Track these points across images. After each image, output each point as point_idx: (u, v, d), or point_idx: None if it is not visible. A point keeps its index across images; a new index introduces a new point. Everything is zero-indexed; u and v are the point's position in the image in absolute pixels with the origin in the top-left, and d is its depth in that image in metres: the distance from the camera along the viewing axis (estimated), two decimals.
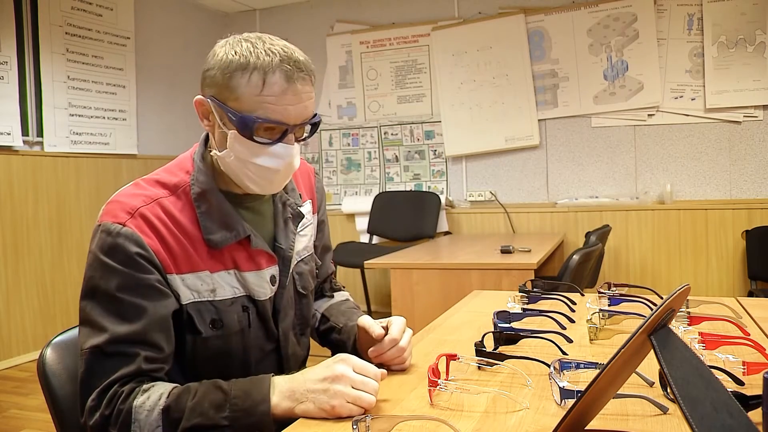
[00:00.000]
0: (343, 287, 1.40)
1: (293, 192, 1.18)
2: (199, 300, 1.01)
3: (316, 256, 1.28)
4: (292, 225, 1.15)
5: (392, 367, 1.06)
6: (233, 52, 0.96)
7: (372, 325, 1.09)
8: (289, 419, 0.88)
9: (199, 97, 1.01)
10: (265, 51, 0.95)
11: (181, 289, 0.99)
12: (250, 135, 0.97)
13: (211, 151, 1.06)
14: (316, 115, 1.02)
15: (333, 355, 1.08)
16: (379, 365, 0.97)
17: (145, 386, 0.91)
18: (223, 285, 1.03)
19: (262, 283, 1.07)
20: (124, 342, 0.92)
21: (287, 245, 1.12)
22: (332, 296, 1.34)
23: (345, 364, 0.89)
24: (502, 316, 1.23)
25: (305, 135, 1.06)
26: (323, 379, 0.88)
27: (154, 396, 0.89)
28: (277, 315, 1.11)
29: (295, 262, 1.15)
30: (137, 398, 0.89)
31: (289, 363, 1.14)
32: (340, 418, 0.85)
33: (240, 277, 1.05)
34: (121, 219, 0.98)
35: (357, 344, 1.16)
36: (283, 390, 0.89)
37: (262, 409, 0.87)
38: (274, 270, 1.10)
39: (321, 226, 1.31)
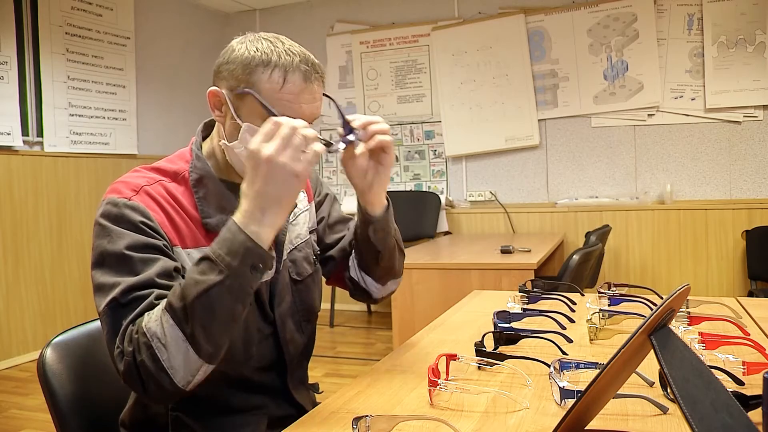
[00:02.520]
0: None
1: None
2: None
3: (332, 231, 1.28)
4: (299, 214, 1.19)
5: (386, 141, 1.08)
6: (254, 49, 0.99)
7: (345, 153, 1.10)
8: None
9: (214, 88, 1.02)
10: (285, 51, 0.98)
11: (186, 263, 1.00)
12: None
13: (217, 141, 1.08)
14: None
15: (377, 264, 1.20)
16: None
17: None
18: None
19: None
20: (138, 288, 0.91)
21: (279, 233, 1.12)
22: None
23: (262, 140, 0.89)
24: (502, 316, 1.23)
25: None
26: (255, 171, 0.88)
27: (157, 308, 0.89)
28: (273, 300, 1.12)
29: (288, 249, 1.16)
30: (144, 320, 0.89)
31: (288, 348, 1.13)
32: (336, 424, 0.85)
33: None
34: (126, 195, 1.00)
35: (363, 202, 1.15)
36: (242, 211, 0.89)
37: (240, 239, 0.87)
38: None
39: (325, 204, 1.31)
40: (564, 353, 1.10)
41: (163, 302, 0.89)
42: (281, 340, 1.13)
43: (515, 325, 1.22)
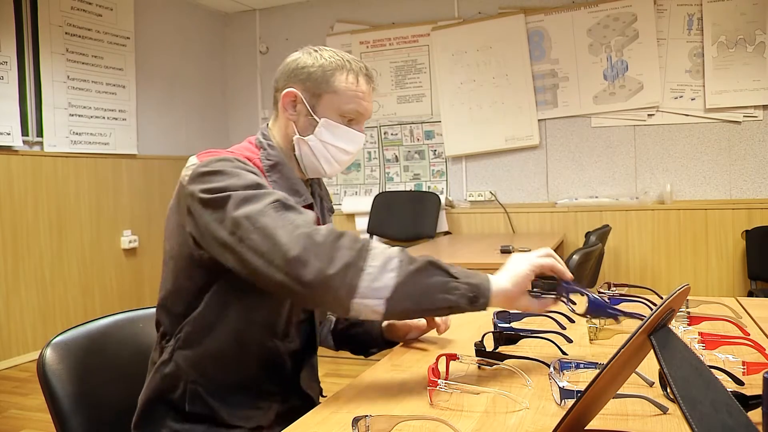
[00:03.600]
0: None
1: (326, 191, 1.32)
2: None
3: None
4: (328, 217, 1.29)
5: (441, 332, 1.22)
6: (326, 56, 1.15)
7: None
8: None
9: (292, 89, 1.15)
10: (351, 59, 1.17)
11: None
12: (346, 121, 1.16)
13: (280, 138, 1.19)
14: None
15: (354, 351, 1.32)
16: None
17: None
18: None
19: None
20: (283, 198, 1.02)
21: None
22: None
23: (548, 252, 1.06)
24: (502, 315, 1.23)
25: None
26: (530, 265, 1.03)
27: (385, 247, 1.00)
28: None
29: None
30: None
31: (316, 334, 1.22)
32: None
33: None
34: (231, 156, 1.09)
35: (388, 333, 1.28)
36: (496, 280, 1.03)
37: (482, 276, 1.02)
38: None
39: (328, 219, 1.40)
40: (564, 353, 1.10)
41: (397, 248, 1.00)
42: (315, 327, 1.21)
43: (515, 324, 1.22)
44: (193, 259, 1.06)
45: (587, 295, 1.04)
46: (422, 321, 1.21)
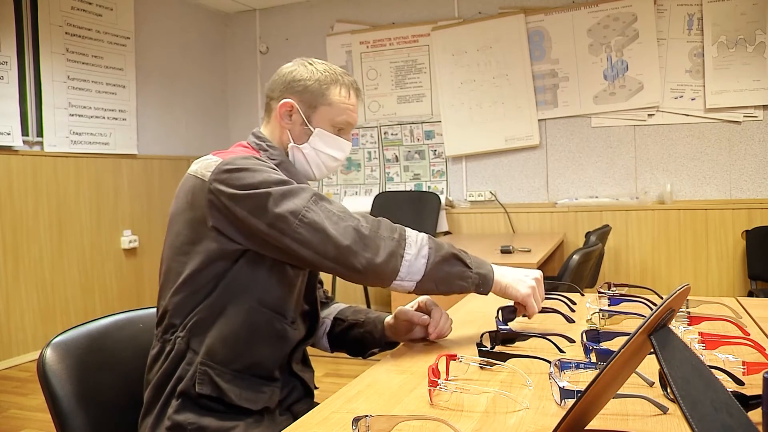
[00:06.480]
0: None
1: None
2: None
3: None
4: None
5: (446, 335, 1.24)
6: (320, 70, 1.25)
7: (414, 314, 1.26)
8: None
9: (289, 100, 1.24)
10: (342, 73, 1.27)
11: None
12: (336, 131, 1.27)
13: (277, 144, 1.27)
14: None
15: (352, 353, 1.38)
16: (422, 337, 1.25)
17: None
18: None
19: None
20: (316, 190, 1.13)
21: None
22: (332, 300, 1.45)
23: (541, 277, 1.20)
24: (506, 316, 1.24)
25: None
26: (526, 275, 1.19)
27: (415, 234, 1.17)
28: (312, 280, 1.29)
29: None
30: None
31: (317, 328, 1.32)
32: (338, 428, 0.85)
33: None
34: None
35: (390, 333, 1.31)
36: (498, 267, 1.20)
37: (489, 267, 1.19)
38: None
39: None
40: (561, 351, 1.10)
41: (426, 236, 1.16)
42: (317, 320, 1.31)
43: (518, 325, 1.22)
44: (211, 250, 1.12)
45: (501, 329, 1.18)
46: (424, 317, 1.24)
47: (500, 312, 1.22)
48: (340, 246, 1.08)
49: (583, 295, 1.60)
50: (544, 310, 1.31)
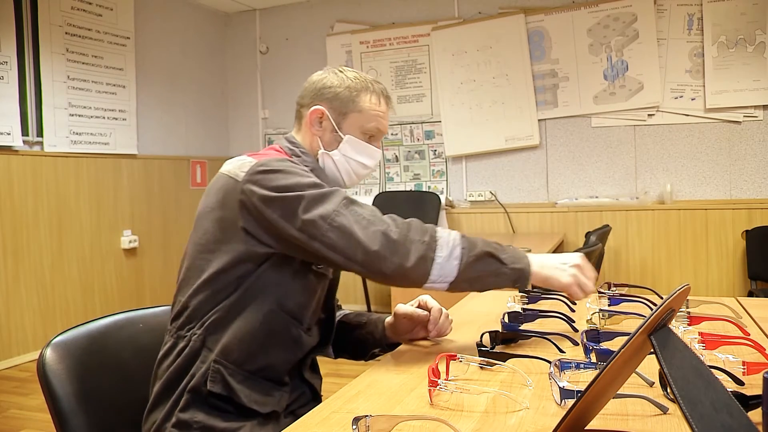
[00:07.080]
0: None
1: None
2: None
3: None
4: None
5: (445, 333, 1.25)
6: (351, 77, 1.26)
7: (413, 311, 1.26)
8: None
9: (319, 107, 1.24)
10: (373, 80, 1.29)
11: None
12: (367, 138, 1.27)
13: (308, 150, 1.28)
14: None
15: (354, 356, 1.39)
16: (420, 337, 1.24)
17: None
18: None
19: None
20: (347, 194, 1.13)
21: None
22: (340, 308, 1.47)
23: (583, 259, 1.16)
24: (512, 317, 1.24)
25: None
26: (564, 263, 1.14)
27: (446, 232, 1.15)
28: (333, 289, 1.30)
29: None
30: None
31: (331, 337, 1.32)
32: (340, 428, 0.85)
33: None
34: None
35: (391, 333, 1.31)
36: (535, 258, 1.15)
37: (526, 261, 1.14)
38: None
39: None
40: (561, 351, 1.10)
41: (458, 235, 1.14)
42: (332, 329, 1.32)
43: (526, 326, 1.23)
44: (238, 252, 1.12)
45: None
46: (423, 312, 1.25)
47: (506, 315, 1.23)
48: (369, 251, 1.07)
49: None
50: (544, 312, 1.31)
